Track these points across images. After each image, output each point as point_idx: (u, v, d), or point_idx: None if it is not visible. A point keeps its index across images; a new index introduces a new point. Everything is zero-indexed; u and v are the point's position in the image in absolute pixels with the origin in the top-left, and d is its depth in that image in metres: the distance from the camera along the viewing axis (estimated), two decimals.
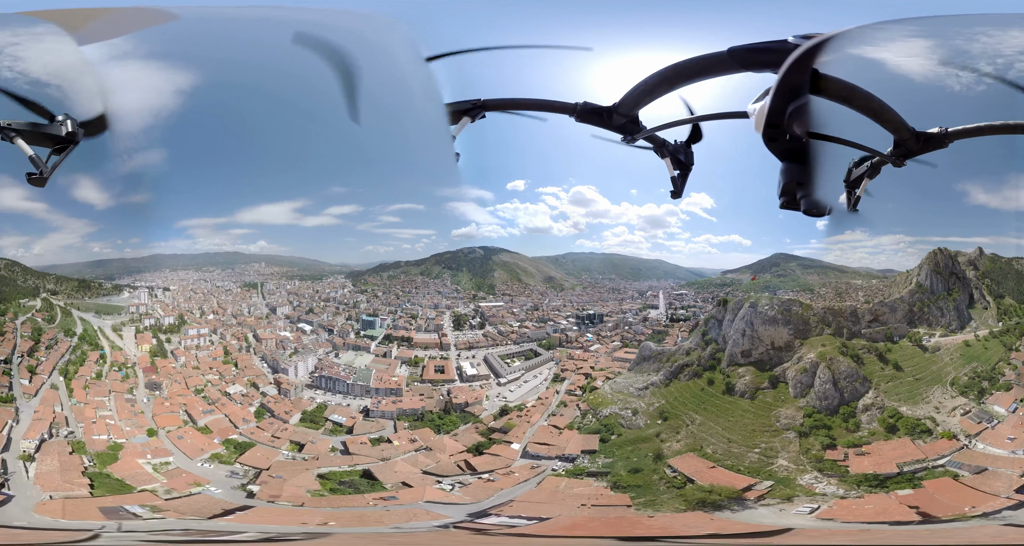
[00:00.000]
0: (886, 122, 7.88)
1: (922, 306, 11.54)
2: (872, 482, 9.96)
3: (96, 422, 12.08)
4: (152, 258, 12.43)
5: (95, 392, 12.54)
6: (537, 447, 11.48)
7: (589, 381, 12.42)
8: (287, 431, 12.47)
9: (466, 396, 12.65)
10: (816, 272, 11.53)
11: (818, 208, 7.84)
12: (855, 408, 10.85)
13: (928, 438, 10.32)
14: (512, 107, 9.78)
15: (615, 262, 12.72)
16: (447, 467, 11.38)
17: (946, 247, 11.44)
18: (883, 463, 10.16)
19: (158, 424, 12.37)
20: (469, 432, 12.09)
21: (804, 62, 6.57)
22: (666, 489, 10.34)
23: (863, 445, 10.44)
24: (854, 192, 8.94)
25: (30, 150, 8.06)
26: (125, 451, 11.70)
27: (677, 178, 9.33)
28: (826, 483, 10.18)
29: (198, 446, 12.12)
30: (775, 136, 7.09)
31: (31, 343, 12.58)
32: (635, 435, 11.37)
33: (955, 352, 11.15)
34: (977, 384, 10.64)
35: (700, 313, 12.31)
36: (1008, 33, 9.08)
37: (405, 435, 12.26)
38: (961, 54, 9.15)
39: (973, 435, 10.21)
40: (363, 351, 13.46)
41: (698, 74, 7.68)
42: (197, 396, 12.88)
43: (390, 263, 13.34)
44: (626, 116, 8.82)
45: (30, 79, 9.89)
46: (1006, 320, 10.95)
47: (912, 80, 9.21)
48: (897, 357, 11.25)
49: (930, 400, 10.76)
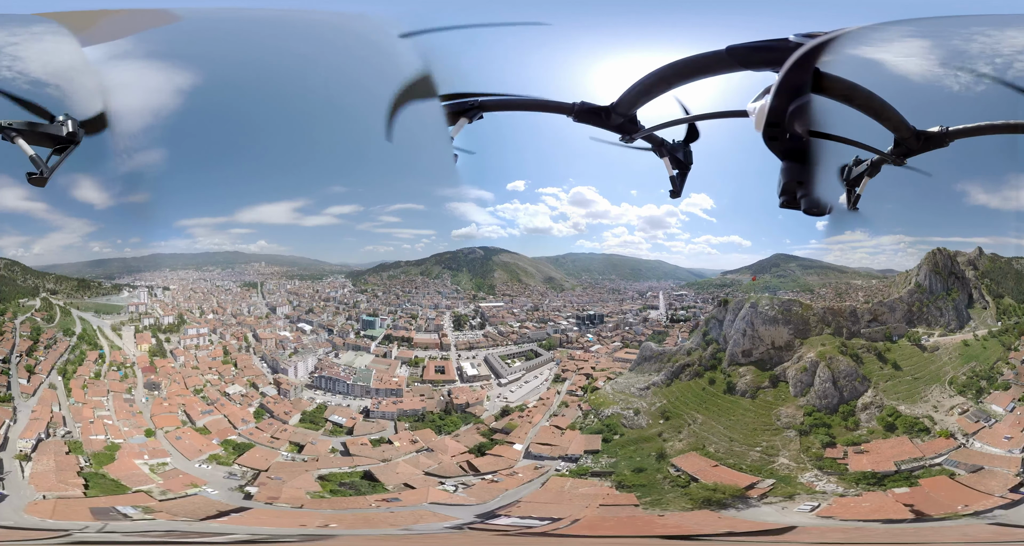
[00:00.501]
0: (887, 121, 7.97)
1: (921, 306, 11.61)
2: (870, 480, 10.10)
3: (94, 422, 12.07)
4: (152, 257, 12.41)
5: (93, 392, 12.53)
6: (540, 447, 11.54)
7: (590, 381, 12.41)
8: (286, 432, 12.41)
9: (467, 396, 12.65)
10: (816, 272, 11.58)
11: (818, 207, 7.90)
12: (854, 407, 10.96)
13: (926, 436, 10.44)
14: (510, 107, 9.85)
15: (615, 263, 12.75)
16: (449, 468, 11.40)
17: (945, 247, 11.50)
18: (881, 461, 10.28)
19: (156, 424, 12.34)
20: (470, 433, 12.09)
21: (807, 61, 6.65)
22: (671, 488, 10.45)
23: (862, 443, 10.56)
24: (854, 191, 9.01)
25: (31, 150, 8.16)
26: (122, 451, 11.68)
27: (676, 177, 9.40)
28: (826, 481, 10.29)
29: (196, 447, 12.07)
30: (776, 135, 7.16)
31: (30, 342, 12.57)
32: (637, 435, 11.46)
33: (954, 352, 11.23)
34: (975, 383, 10.72)
35: (700, 314, 12.36)
36: (1005, 33, 9.16)
37: (406, 436, 12.24)
38: (959, 54, 9.18)
39: (970, 434, 10.32)
40: (363, 351, 13.45)
41: (696, 73, 7.76)
42: (196, 396, 12.84)
43: (390, 263, 13.34)
44: (624, 116, 8.90)
45: (30, 79, 9.88)
46: (1005, 320, 11.02)
47: (911, 80, 9.26)
48: (896, 356, 11.33)
49: (928, 399, 10.85)
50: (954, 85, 9.07)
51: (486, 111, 9.50)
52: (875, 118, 7.70)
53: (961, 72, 9.13)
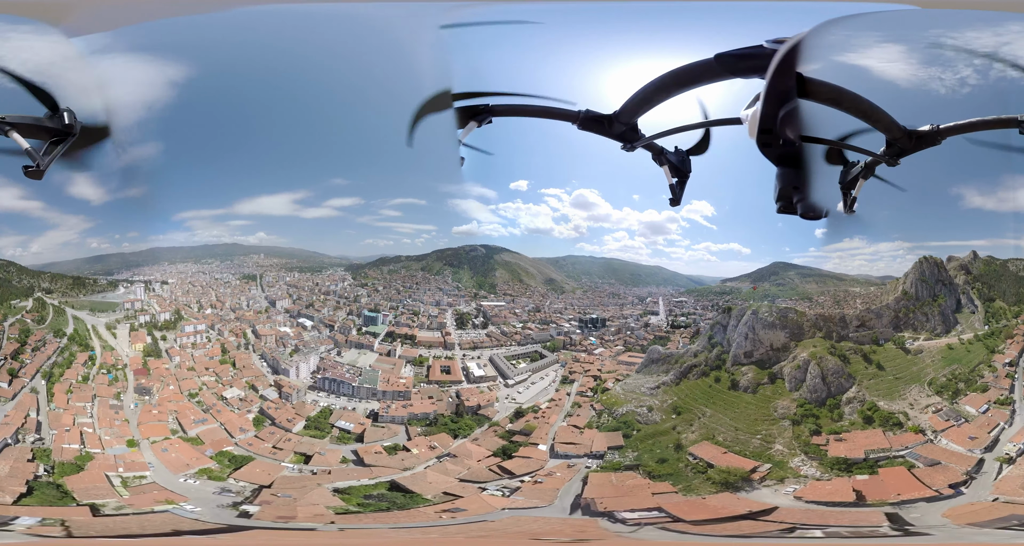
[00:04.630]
0: (877, 122, 8.29)
1: (907, 312, 12.19)
2: (842, 466, 10.95)
3: (70, 430, 11.54)
4: (150, 252, 12.22)
5: (78, 397, 12.01)
6: (565, 447, 11.80)
7: (599, 383, 12.73)
8: (290, 442, 11.97)
9: (477, 398, 12.67)
10: (814, 280, 12.07)
11: (814, 211, 8.27)
12: (840, 400, 11.80)
13: (898, 430, 11.27)
14: (519, 113, 10.03)
15: (615, 267, 12.96)
16: (480, 473, 11.40)
17: (932, 255, 12.05)
18: (854, 449, 11.11)
19: (143, 434, 11.77)
20: (488, 436, 12.12)
21: (786, 66, 6.82)
22: (694, 474, 11.19)
23: (842, 433, 11.40)
24: (850, 194, 9.32)
25: (26, 143, 8.21)
26: (95, 462, 11.14)
27: (675, 186, 9.62)
28: (809, 466, 11.13)
29: (184, 460, 11.45)
30: (769, 141, 7.43)
31: (16, 345, 12.09)
32: (653, 429, 12.04)
33: (936, 355, 11.93)
34: (953, 385, 11.48)
35: (700, 320, 12.75)
36: (966, 34, 9.31)
37: (422, 442, 12.01)
38: (937, 56, 9.32)
39: (939, 431, 11.10)
40: (366, 349, 13.33)
41: (690, 82, 7.97)
42: (191, 401, 12.37)
43: (391, 257, 13.29)
44: (626, 124, 9.06)
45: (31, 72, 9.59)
46: (993, 323, 11.61)
47: (898, 86, 9.30)
48: (881, 358, 12.05)
49: (906, 397, 11.65)
50: (940, 88, 9.29)
51: (496, 116, 9.60)
52: (865, 120, 7.96)
53: (944, 75, 9.25)
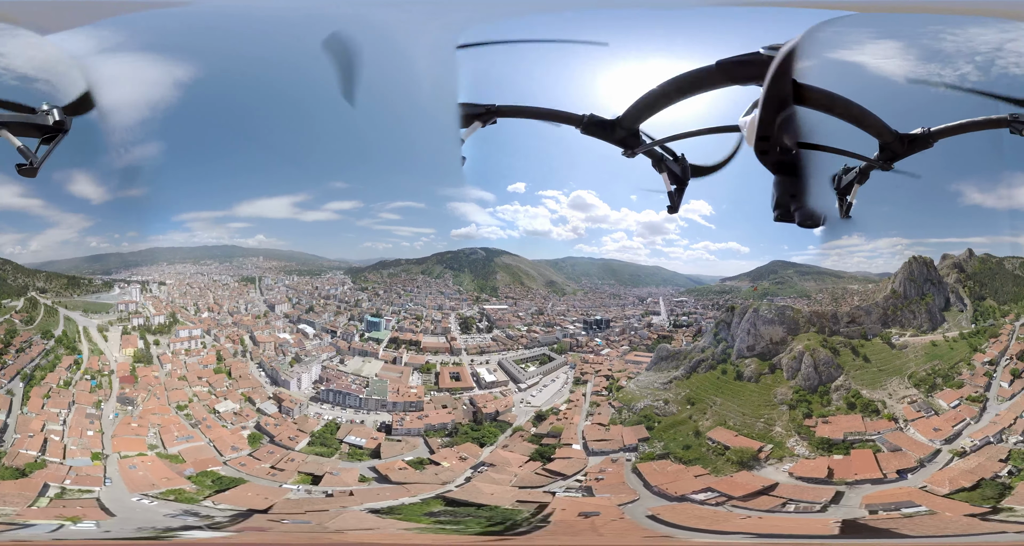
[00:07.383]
0: (869, 127, 8.61)
1: (895, 310, 12.76)
2: (825, 446, 11.80)
3: (34, 436, 10.99)
4: (149, 252, 11.91)
5: (55, 403, 11.46)
6: (598, 444, 12.11)
7: (613, 381, 12.99)
8: (293, 462, 11.32)
9: (494, 405, 12.55)
10: (813, 278, 12.52)
11: (812, 219, 8.62)
12: (829, 388, 12.54)
13: (875, 417, 12.00)
14: (524, 115, 10.11)
15: (614, 268, 13.13)
16: (529, 478, 11.45)
17: (929, 252, 12.62)
18: (836, 431, 11.91)
19: (115, 447, 11.16)
20: (515, 441, 12.02)
21: (783, 72, 7.07)
22: (716, 457, 12.01)
23: (828, 416, 12.20)
24: (845, 199, 9.68)
25: (18, 141, 8.22)
26: (44, 472, 10.58)
27: (674, 193, 9.83)
28: (800, 446, 11.95)
29: (151, 479, 10.73)
30: (767, 148, 7.67)
31: (0, 346, 11.53)
32: (672, 420, 12.63)
33: (920, 350, 12.63)
34: (930, 379, 12.21)
35: (702, 319, 13.09)
36: (969, 31, 9.43)
37: (449, 454, 11.62)
38: (935, 53, 9.44)
39: (910, 420, 11.83)
40: (371, 357, 13.08)
41: (692, 89, 8.19)
42: (179, 414, 11.78)
43: (390, 261, 13.18)
44: (628, 130, 9.22)
45: (16, 75, 9.44)
46: (980, 322, 12.21)
47: (895, 83, 9.49)
48: (867, 351, 12.84)
49: (887, 387, 12.35)
50: (939, 87, 9.46)
51: (500, 117, 9.68)
52: (857, 125, 8.25)
53: (943, 72, 9.39)
